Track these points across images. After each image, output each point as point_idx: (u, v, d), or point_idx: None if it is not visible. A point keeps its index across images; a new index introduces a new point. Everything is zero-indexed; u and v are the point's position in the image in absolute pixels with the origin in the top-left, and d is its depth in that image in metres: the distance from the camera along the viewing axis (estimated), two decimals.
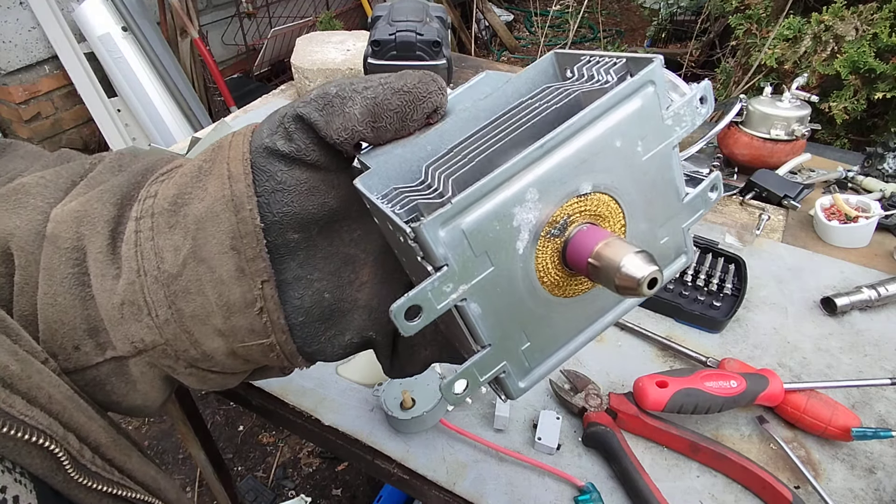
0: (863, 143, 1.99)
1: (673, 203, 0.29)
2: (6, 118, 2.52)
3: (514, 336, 0.27)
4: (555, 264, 0.27)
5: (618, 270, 0.23)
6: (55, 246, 0.31)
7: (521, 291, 0.26)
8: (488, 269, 0.25)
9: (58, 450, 0.26)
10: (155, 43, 2.51)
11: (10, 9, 2.28)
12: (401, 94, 0.28)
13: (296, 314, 0.30)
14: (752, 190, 1.09)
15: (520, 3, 4.87)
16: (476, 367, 0.27)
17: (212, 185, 0.29)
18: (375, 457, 0.69)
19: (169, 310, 0.30)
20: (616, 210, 0.28)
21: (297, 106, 0.28)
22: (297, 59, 1.39)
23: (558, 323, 0.29)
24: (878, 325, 0.83)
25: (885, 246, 0.98)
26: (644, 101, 0.26)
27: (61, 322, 0.30)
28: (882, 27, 1.78)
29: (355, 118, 0.28)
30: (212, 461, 1.17)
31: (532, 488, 0.64)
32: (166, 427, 1.87)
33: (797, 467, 0.63)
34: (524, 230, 0.25)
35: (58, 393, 0.28)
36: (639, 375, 0.68)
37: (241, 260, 0.28)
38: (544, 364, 0.29)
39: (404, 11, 1.16)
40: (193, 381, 0.33)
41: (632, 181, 0.27)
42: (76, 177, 0.35)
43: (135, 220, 0.30)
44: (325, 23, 3.31)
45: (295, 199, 0.29)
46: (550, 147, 0.25)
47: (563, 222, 0.26)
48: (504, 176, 0.24)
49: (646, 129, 0.27)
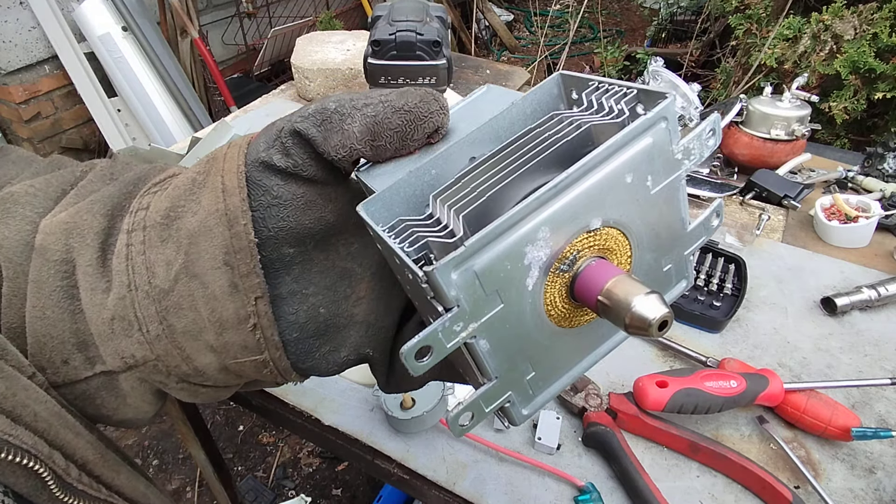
0: (863, 142, 1.99)
1: (678, 233, 0.30)
2: (6, 118, 2.52)
3: (520, 368, 0.27)
4: (562, 298, 0.27)
5: (629, 311, 0.23)
6: (44, 258, 0.30)
7: (528, 326, 0.26)
8: (498, 306, 0.25)
9: (42, 469, 0.26)
10: (155, 43, 2.51)
11: (10, 8, 2.28)
12: (401, 114, 0.27)
13: (290, 330, 0.30)
14: (752, 190, 1.09)
15: (520, 3, 4.87)
16: (482, 400, 0.27)
17: (206, 198, 0.28)
18: (375, 457, 0.69)
19: (160, 325, 0.29)
20: (623, 243, 0.28)
21: (295, 121, 0.28)
22: (298, 58, 1.39)
23: (562, 352, 0.29)
24: (878, 325, 0.83)
25: (885, 246, 0.98)
26: (655, 137, 0.26)
27: (50, 336, 0.30)
28: (882, 27, 1.78)
29: (354, 136, 0.27)
30: (212, 461, 1.17)
31: (532, 488, 0.64)
32: (166, 427, 1.87)
33: (797, 467, 0.63)
34: (534, 268, 0.25)
35: (44, 410, 0.28)
36: (639, 375, 0.68)
37: (235, 276, 0.28)
38: (547, 391, 0.29)
39: (404, 11, 1.16)
40: (185, 395, 0.32)
41: (640, 214, 0.27)
42: (66, 185, 0.34)
43: (126, 233, 0.29)
44: (325, 23, 3.31)
45: (291, 214, 0.28)
46: (564, 187, 0.24)
47: (572, 258, 0.26)
48: (518, 216, 0.24)
49: (656, 165, 0.27)
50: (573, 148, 0.26)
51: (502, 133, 0.30)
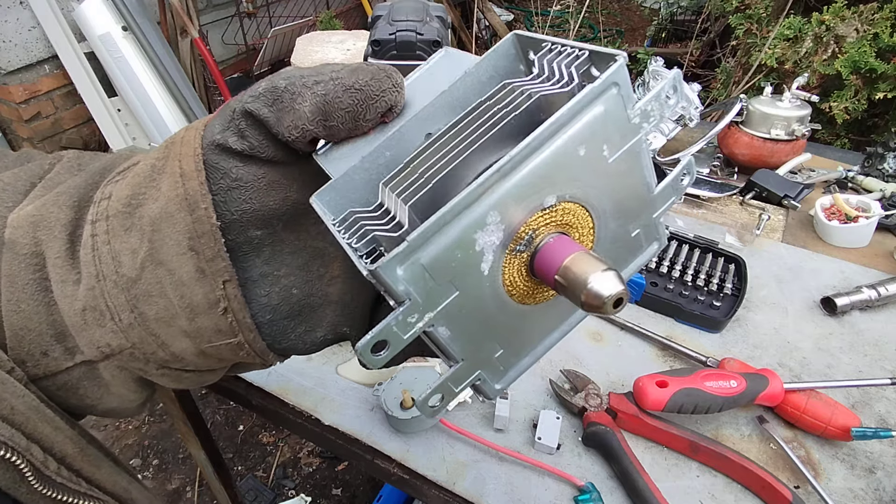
0: (863, 142, 1.99)
1: (643, 197, 0.29)
2: (6, 117, 2.52)
3: (486, 347, 0.27)
4: (523, 277, 0.26)
5: (584, 289, 0.23)
6: (14, 252, 0.30)
7: (489, 308, 0.26)
8: (453, 294, 0.24)
9: (19, 461, 0.26)
10: (155, 43, 2.51)
11: (11, 8, 2.28)
12: (352, 93, 0.26)
13: (263, 312, 0.30)
14: (752, 190, 1.09)
15: (520, 3, 4.87)
16: (450, 381, 0.26)
17: (165, 184, 0.28)
18: (375, 456, 0.69)
19: (132, 314, 0.29)
20: (584, 216, 0.27)
21: (246, 101, 0.27)
22: (297, 58, 1.39)
23: (530, 328, 0.28)
24: (878, 325, 0.83)
25: (885, 246, 0.97)
26: (607, 105, 0.25)
27: (27, 329, 0.30)
28: (883, 27, 1.78)
29: (305, 116, 0.26)
30: (212, 461, 1.17)
31: (532, 488, 0.64)
32: (166, 427, 1.87)
33: (797, 467, 0.63)
34: (488, 252, 0.24)
35: (21, 404, 0.28)
36: (639, 375, 0.68)
37: (201, 260, 0.28)
38: (518, 366, 0.29)
39: (404, 11, 1.16)
40: (168, 381, 0.32)
41: (599, 186, 0.26)
42: (35, 178, 0.34)
43: (91, 224, 0.29)
44: (326, 22, 3.31)
45: (253, 196, 0.28)
46: (508, 169, 0.23)
47: (528, 237, 0.25)
48: (462, 205, 0.23)
49: (610, 132, 0.25)
50: (527, 119, 0.25)
51: (457, 104, 0.29)
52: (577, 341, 0.80)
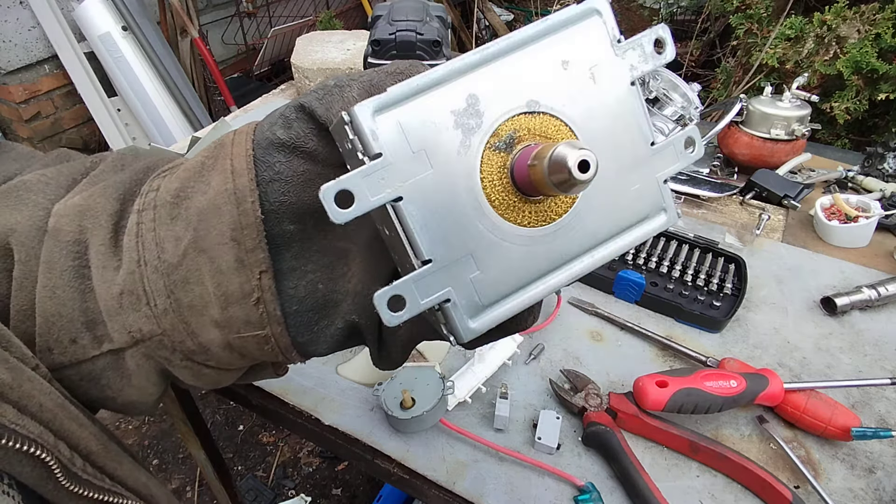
0: (863, 142, 1.99)
1: (639, 146, 0.29)
2: (6, 117, 2.52)
3: (459, 257, 0.26)
4: (503, 184, 0.26)
5: (549, 160, 0.23)
6: (56, 239, 0.31)
7: (464, 204, 0.25)
8: (427, 170, 0.25)
9: (49, 458, 0.26)
10: (155, 42, 2.51)
11: (10, 8, 2.28)
12: (395, 76, 0.29)
13: (290, 303, 0.31)
14: (752, 190, 1.09)
15: (520, 3, 4.87)
16: (415, 285, 0.25)
17: (215, 179, 0.29)
18: (375, 456, 0.69)
19: (168, 299, 0.30)
20: (569, 136, 0.27)
21: (299, 98, 0.29)
22: (298, 58, 1.38)
23: (513, 258, 0.27)
24: (878, 325, 0.83)
25: (885, 246, 0.97)
26: (590, 29, 0.27)
27: (59, 315, 0.31)
28: (884, 27, 1.77)
29: (353, 99, 0.28)
30: (212, 461, 1.17)
31: (532, 488, 0.64)
32: (166, 427, 1.87)
33: (797, 467, 0.63)
34: (466, 135, 0.25)
35: (48, 401, 0.28)
36: (639, 375, 0.68)
37: (241, 251, 0.29)
38: (499, 305, 0.27)
39: (404, 11, 1.16)
40: (188, 374, 0.33)
41: (585, 109, 0.27)
42: (77, 175, 0.35)
43: (137, 213, 0.31)
44: (325, 22, 3.30)
45: (292, 189, 0.29)
46: (487, 57, 0.25)
47: (507, 137, 0.26)
48: (440, 76, 0.24)
49: (595, 58, 0.27)
50: None
51: None
52: (576, 341, 0.80)
